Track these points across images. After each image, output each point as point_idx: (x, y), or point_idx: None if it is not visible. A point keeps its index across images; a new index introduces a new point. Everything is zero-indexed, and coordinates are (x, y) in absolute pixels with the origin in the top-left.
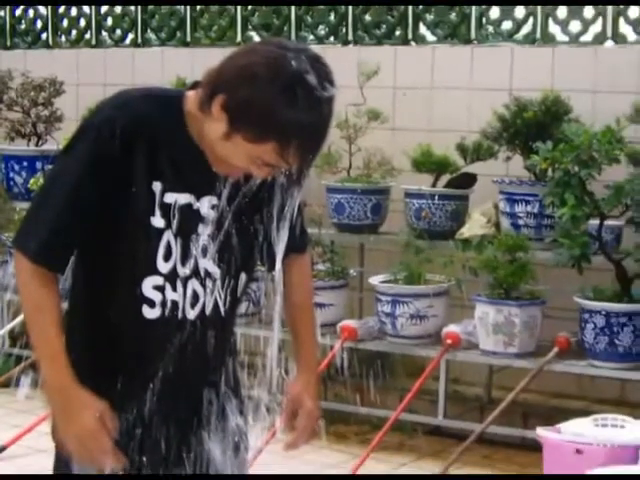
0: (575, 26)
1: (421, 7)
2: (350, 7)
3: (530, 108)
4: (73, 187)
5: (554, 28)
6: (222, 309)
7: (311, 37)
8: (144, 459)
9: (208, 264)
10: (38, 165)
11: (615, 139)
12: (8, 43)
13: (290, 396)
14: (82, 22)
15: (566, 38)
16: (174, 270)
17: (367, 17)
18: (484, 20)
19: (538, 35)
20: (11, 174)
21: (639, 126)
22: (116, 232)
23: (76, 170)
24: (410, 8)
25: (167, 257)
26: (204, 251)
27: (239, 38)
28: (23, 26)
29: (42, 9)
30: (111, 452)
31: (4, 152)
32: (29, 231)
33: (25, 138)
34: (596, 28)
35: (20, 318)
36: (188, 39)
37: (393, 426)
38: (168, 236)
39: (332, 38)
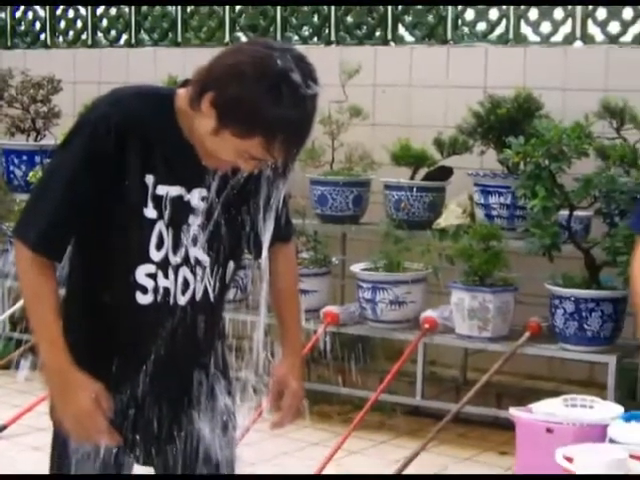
0: (546, 27)
1: (400, 9)
2: (333, 9)
3: (503, 105)
4: (70, 180)
5: (526, 29)
6: (211, 295)
7: (296, 37)
8: (137, 437)
9: (198, 253)
10: (37, 159)
11: (584, 134)
12: (8, 43)
13: (276, 377)
14: (79, 23)
15: (537, 39)
16: (166, 258)
17: (349, 18)
18: (460, 21)
19: (511, 36)
20: (11, 167)
21: (606, 122)
22: (111, 223)
23: (73, 164)
24: (389, 10)
25: (159, 246)
26: (194, 240)
27: (227, 38)
28: (23, 27)
29: (41, 11)
30: (106, 431)
31: (4, 146)
32: (28, 222)
33: (24, 133)
34: (566, 29)
35: (20, 304)
36: (179, 39)
37: (373, 406)
38: (160, 226)
39: (315, 38)
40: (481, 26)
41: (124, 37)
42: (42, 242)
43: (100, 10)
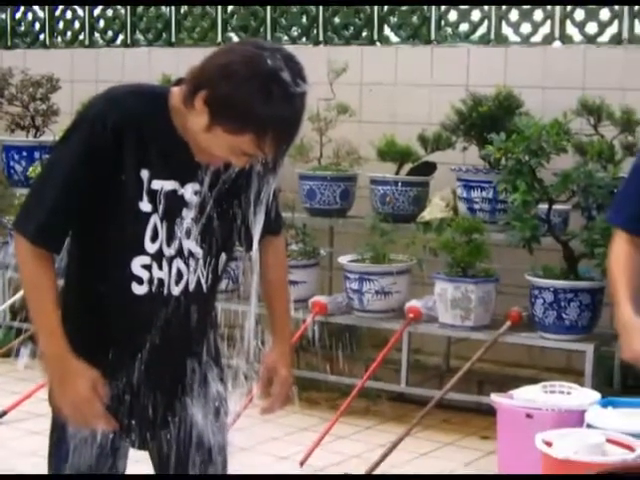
0: (526, 28)
1: (385, 10)
2: (321, 10)
3: (485, 103)
4: (68, 175)
5: (507, 30)
6: (204, 286)
7: (285, 38)
8: (133, 422)
9: (191, 245)
10: (36, 155)
11: (562, 131)
12: (9, 43)
13: (266, 365)
14: (76, 24)
15: (518, 39)
16: (160, 250)
17: (336, 19)
18: (443, 22)
19: (492, 36)
20: (11, 163)
21: (584, 119)
22: (108, 216)
23: (71, 160)
24: (375, 11)
25: (154, 239)
26: (188, 233)
27: (219, 39)
28: (22, 28)
29: (40, 12)
30: (102, 416)
31: (5, 143)
32: (28, 215)
33: (24, 130)
34: (545, 30)
35: (20, 294)
36: (173, 40)
37: (360, 393)
38: (155, 219)
39: (304, 39)
40: (464, 27)
41: (120, 37)
42: (41, 235)
43: (97, 11)
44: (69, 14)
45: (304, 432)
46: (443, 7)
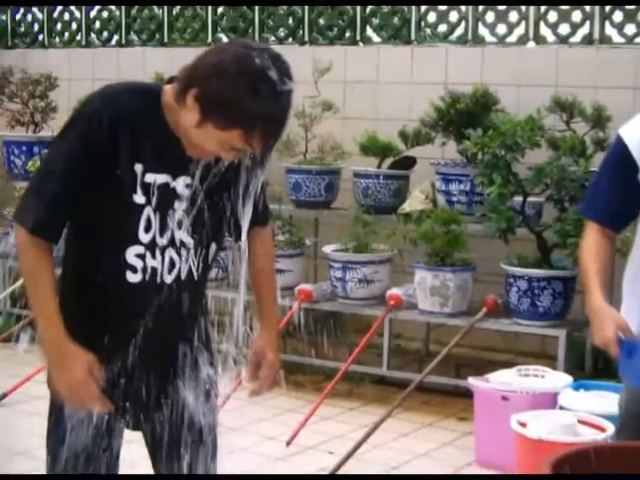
0: (502, 29)
1: (368, 12)
2: (306, 12)
3: (462, 100)
4: (65, 169)
5: (483, 30)
6: (195, 274)
7: (272, 38)
8: (127, 404)
9: (183, 235)
10: (35, 150)
11: (536, 127)
12: (9, 43)
13: (254, 350)
14: (74, 25)
15: (494, 39)
16: (153, 240)
17: (321, 21)
18: (422, 23)
19: (469, 37)
20: (12, 157)
21: (557, 116)
22: (103, 208)
23: (68, 154)
24: (358, 13)
25: (147, 229)
26: (179, 224)
27: (210, 39)
28: (22, 29)
29: (39, 14)
30: (98, 398)
31: (5, 138)
32: (27, 207)
33: (24, 126)
34: (520, 31)
35: (20, 282)
36: (166, 40)
37: (343, 376)
38: (148, 211)
39: (291, 39)
40: (442, 28)
41: (115, 38)
42: (40, 226)
43: (93, 13)
44: (67, 15)
45: (290, 413)
46: (423, 9)
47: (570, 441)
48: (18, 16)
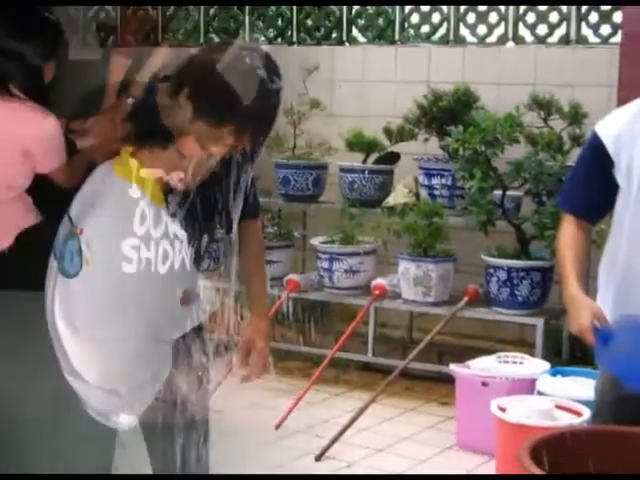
0: (482, 29)
1: (353, 13)
2: (295, 14)
3: (444, 98)
4: None
5: (464, 31)
6: (188, 265)
7: (262, 38)
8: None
9: (176, 228)
10: None
11: (515, 123)
12: None
13: (244, 337)
14: None
15: (474, 40)
16: (148, 233)
17: (308, 22)
18: (406, 24)
19: (451, 37)
20: None
21: (535, 113)
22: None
23: None
24: (344, 14)
25: (142, 222)
26: (173, 217)
27: (202, 39)
28: None
29: None
30: None
31: None
32: None
33: None
34: (499, 31)
35: None
36: (159, 40)
37: (330, 363)
38: (143, 205)
39: (280, 39)
40: (425, 28)
41: (111, 39)
42: None
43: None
44: None
45: (279, 399)
46: (407, 10)
47: (548, 425)
48: None
